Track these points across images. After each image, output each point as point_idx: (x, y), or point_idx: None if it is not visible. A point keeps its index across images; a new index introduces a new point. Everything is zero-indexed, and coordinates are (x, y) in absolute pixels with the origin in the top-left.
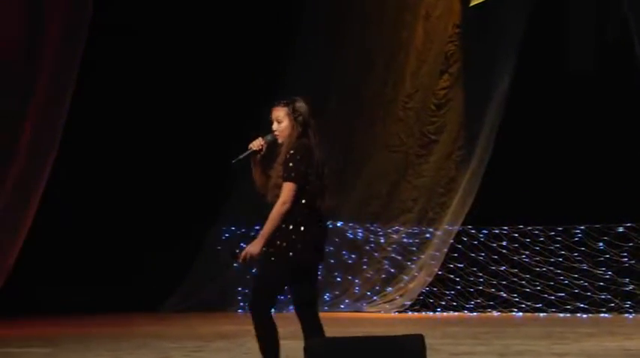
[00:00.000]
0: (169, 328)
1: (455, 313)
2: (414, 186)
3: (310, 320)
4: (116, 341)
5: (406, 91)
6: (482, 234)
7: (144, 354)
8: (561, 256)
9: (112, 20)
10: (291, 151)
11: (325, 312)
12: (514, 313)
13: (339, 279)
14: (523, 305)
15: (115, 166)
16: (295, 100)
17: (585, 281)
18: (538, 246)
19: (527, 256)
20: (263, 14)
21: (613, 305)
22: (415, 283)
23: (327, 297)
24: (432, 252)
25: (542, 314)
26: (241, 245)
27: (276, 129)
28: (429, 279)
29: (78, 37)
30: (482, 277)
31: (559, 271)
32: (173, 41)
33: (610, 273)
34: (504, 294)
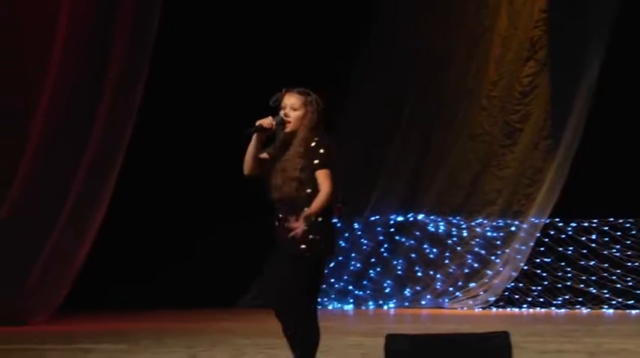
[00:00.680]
0: (244, 324)
1: (542, 310)
2: (498, 177)
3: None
4: (191, 337)
5: (490, 79)
6: (570, 227)
7: (219, 351)
8: None
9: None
10: (316, 139)
11: (406, 308)
12: (604, 310)
13: (420, 274)
14: (614, 302)
15: (188, 161)
16: (310, 92)
17: None
18: (629, 239)
19: (617, 250)
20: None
21: None
22: (500, 278)
23: (407, 293)
24: (517, 246)
25: (634, 312)
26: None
27: (290, 116)
28: (514, 274)
29: (146, 36)
30: (570, 272)
31: None
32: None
33: None
34: (594, 290)
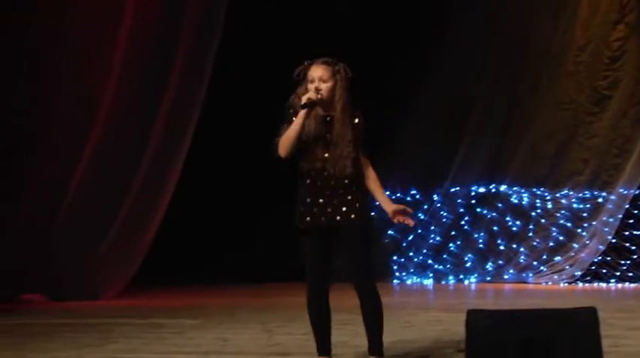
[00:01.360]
0: None
1: (631, 285)
2: (585, 146)
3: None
4: (265, 312)
5: (576, 44)
6: None
7: (294, 327)
8: None
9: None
10: (359, 115)
11: (488, 283)
12: None
13: (502, 248)
14: None
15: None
16: (336, 61)
17: None
18: None
19: None
20: None
21: None
22: (586, 252)
23: (490, 267)
24: (605, 218)
25: None
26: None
27: (321, 88)
28: (601, 248)
29: (211, 36)
30: None
31: None
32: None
33: None
34: None
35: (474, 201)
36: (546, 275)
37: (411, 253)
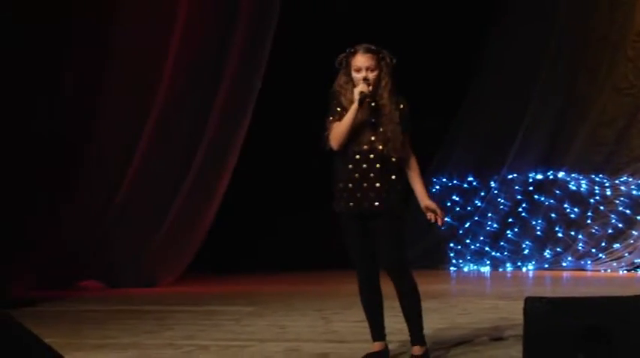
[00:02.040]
0: None
1: None
2: None
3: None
4: (321, 299)
5: (635, 29)
6: None
7: (351, 313)
8: None
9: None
10: (404, 102)
11: (545, 270)
12: None
13: (560, 235)
14: None
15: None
16: (380, 48)
17: None
18: None
19: None
20: None
21: None
22: None
23: (547, 254)
24: None
25: None
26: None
27: (369, 78)
28: None
29: (264, 38)
30: None
31: None
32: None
33: None
34: None
35: (531, 187)
36: (605, 263)
37: (468, 240)
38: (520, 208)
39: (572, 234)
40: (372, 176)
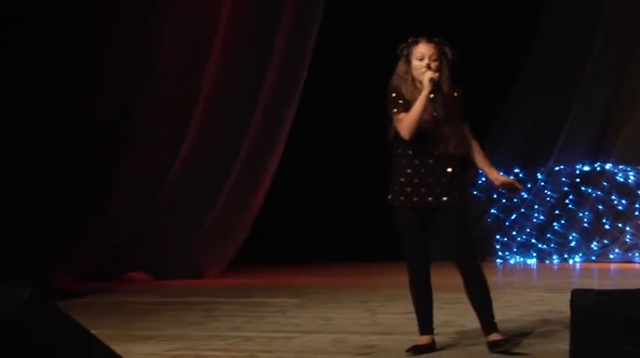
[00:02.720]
0: None
1: None
2: None
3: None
4: (367, 291)
5: None
6: None
7: (396, 306)
8: None
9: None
10: (459, 90)
11: (593, 262)
12: None
13: (607, 227)
14: None
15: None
16: (443, 41)
17: None
18: None
19: None
20: None
21: None
22: None
23: (594, 246)
24: None
25: None
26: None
27: (432, 67)
28: None
29: (308, 30)
30: None
31: None
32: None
33: None
34: None
35: (578, 179)
36: None
37: (515, 232)
38: (567, 200)
39: (620, 226)
40: (438, 171)
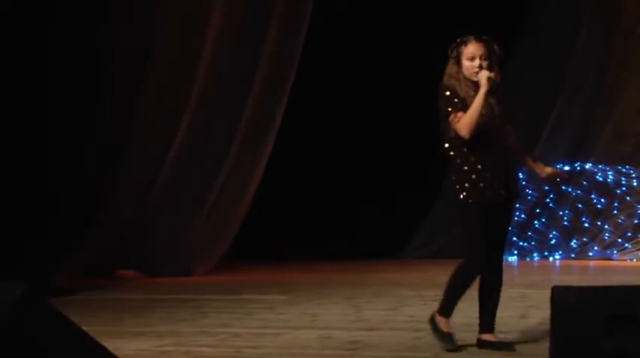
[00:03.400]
0: (407, 275)
1: None
2: None
3: None
4: (353, 288)
5: None
6: None
7: (381, 302)
8: None
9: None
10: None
11: (572, 260)
12: None
13: (587, 225)
14: None
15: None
16: (492, 39)
17: None
18: None
19: None
20: None
21: None
22: None
23: (574, 244)
24: None
25: None
26: None
27: (485, 66)
28: None
29: (297, 30)
30: None
31: None
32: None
33: None
34: None
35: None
36: (631, 252)
37: None
38: (547, 199)
39: (599, 224)
40: (504, 165)
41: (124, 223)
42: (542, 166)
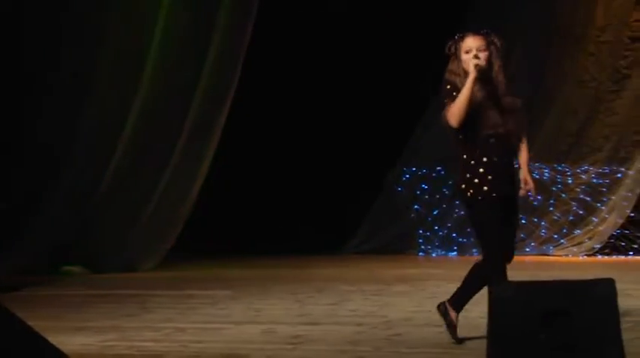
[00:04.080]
0: (349, 271)
1: None
2: (605, 123)
3: None
4: (296, 283)
5: (597, 24)
6: None
7: (323, 297)
8: None
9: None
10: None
11: None
12: None
13: (524, 222)
14: None
15: (297, 107)
16: (490, 32)
17: None
18: None
19: None
20: None
21: None
22: (605, 225)
23: None
24: (623, 193)
25: None
26: (423, 186)
27: (480, 57)
28: (620, 221)
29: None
30: None
31: None
32: None
33: None
34: None
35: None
36: (566, 248)
37: (436, 227)
38: None
39: (535, 220)
40: (508, 160)
41: (68, 219)
42: (527, 171)
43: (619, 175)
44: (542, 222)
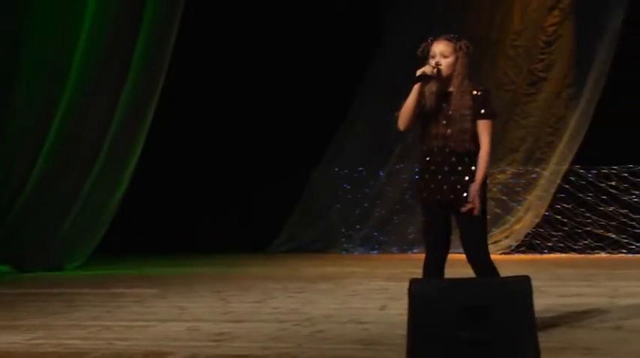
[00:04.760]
0: (274, 269)
1: (562, 254)
2: (521, 125)
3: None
4: (221, 282)
5: (514, 29)
6: (590, 174)
7: (248, 295)
8: None
9: None
10: (482, 88)
11: None
12: (623, 254)
13: None
14: (633, 247)
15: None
16: (460, 38)
17: None
18: None
19: (637, 196)
20: None
21: None
22: (521, 224)
23: None
24: (538, 193)
25: None
26: (345, 186)
27: (442, 63)
28: (535, 220)
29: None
30: (590, 218)
31: None
32: None
33: None
34: (613, 235)
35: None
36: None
37: (358, 226)
38: (406, 196)
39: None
40: (446, 169)
41: None
42: (473, 187)
43: (535, 176)
44: None
